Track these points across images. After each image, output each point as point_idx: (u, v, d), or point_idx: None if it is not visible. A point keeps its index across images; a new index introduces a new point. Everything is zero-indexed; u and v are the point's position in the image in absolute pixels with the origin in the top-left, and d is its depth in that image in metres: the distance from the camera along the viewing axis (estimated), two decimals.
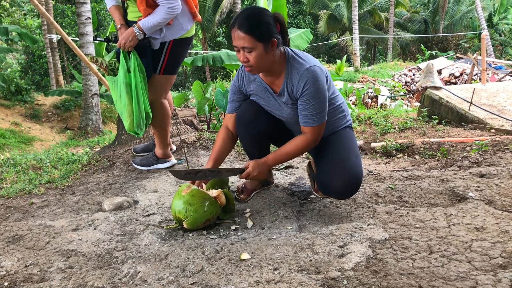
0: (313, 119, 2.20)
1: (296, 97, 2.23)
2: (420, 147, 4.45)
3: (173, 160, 3.35)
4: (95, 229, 2.32)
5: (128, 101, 2.92)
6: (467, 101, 5.81)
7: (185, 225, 2.21)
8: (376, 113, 6.61)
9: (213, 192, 2.30)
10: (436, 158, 3.95)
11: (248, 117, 2.39)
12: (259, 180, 2.32)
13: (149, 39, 2.86)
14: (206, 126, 6.38)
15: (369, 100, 12.68)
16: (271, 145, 2.68)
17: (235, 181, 2.93)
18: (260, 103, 2.40)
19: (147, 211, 2.55)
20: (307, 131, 2.25)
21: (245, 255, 1.88)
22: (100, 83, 12.39)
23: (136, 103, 2.92)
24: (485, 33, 14.23)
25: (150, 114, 3.02)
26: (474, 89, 6.00)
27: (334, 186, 2.27)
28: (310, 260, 1.81)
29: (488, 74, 12.91)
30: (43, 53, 20.11)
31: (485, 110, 5.66)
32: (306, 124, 2.23)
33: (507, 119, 5.45)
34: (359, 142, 4.89)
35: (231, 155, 3.70)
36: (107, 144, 4.58)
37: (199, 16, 3.03)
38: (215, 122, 6.77)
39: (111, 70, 3.00)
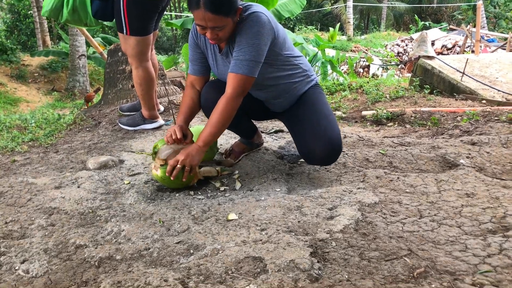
0: (239, 65, 2.00)
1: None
2: (411, 116, 4.41)
3: (160, 121, 3.27)
4: (78, 187, 2.26)
5: None
6: (460, 71, 5.76)
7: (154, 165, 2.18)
8: (368, 82, 6.54)
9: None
10: (427, 127, 3.92)
11: (212, 102, 2.17)
12: (197, 163, 2.13)
13: None
14: None
15: (361, 70, 12.58)
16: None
17: (223, 144, 2.87)
18: (211, 64, 2.27)
19: (133, 170, 2.49)
20: (229, 80, 2.04)
21: (232, 216, 1.84)
22: (88, 44, 12.10)
23: None
24: (480, 2, 14.07)
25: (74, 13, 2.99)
26: (467, 59, 5.94)
27: (315, 156, 2.20)
28: (298, 221, 1.78)
29: (480, 47, 12.84)
30: (29, 12, 19.52)
31: (477, 80, 5.62)
32: (231, 69, 2.03)
33: (499, 90, 5.42)
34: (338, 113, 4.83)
35: None
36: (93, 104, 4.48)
37: None
38: None
39: None
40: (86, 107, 7.56)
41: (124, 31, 2.85)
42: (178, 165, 2.06)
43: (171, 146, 2.20)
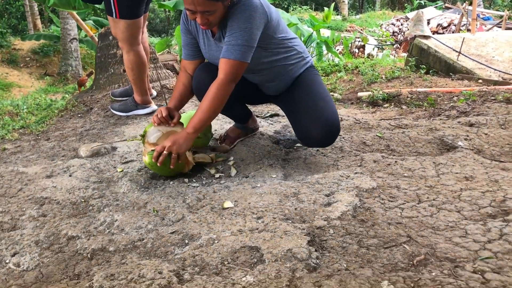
0: (230, 50, 1.94)
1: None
2: (407, 97, 4.36)
3: (153, 106, 3.20)
4: (70, 176, 2.21)
5: None
6: (456, 51, 5.70)
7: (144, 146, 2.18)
8: (364, 63, 6.47)
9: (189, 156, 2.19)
10: (423, 108, 3.87)
11: (204, 86, 2.11)
12: (185, 150, 2.06)
13: None
14: None
15: (356, 50, 12.48)
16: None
17: (218, 129, 2.82)
18: (204, 50, 2.21)
19: (126, 158, 2.44)
20: (221, 65, 1.98)
21: (228, 204, 1.81)
22: (80, 27, 11.89)
23: None
24: None
25: None
26: (464, 38, 5.87)
27: (313, 138, 2.16)
28: (295, 209, 1.74)
29: (476, 25, 12.72)
30: None
31: (473, 60, 5.56)
32: (223, 54, 1.96)
33: (495, 69, 5.37)
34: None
35: None
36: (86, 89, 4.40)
37: None
38: None
39: None
40: (79, 91, 7.46)
41: (114, 15, 2.77)
42: (165, 152, 2.00)
43: (159, 128, 2.17)
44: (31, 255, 1.55)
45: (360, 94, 4.74)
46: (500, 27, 11.90)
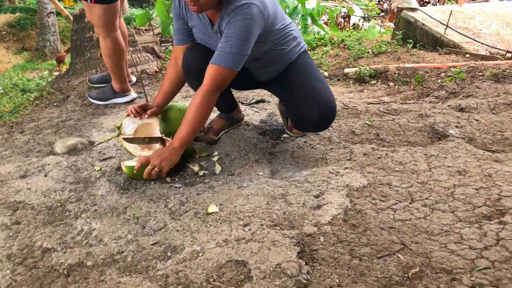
0: (223, 58, 1.85)
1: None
2: (394, 73, 4.27)
3: (133, 94, 3.05)
4: (45, 176, 2.09)
5: None
6: (443, 24, 5.58)
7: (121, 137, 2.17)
8: (350, 36, 6.32)
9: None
10: (411, 86, 3.79)
11: (194, 68, 2.05)
12: (171, 166, 1.98)
13: None
14: (172, 47, 5.95)
15: (342, 20, 12.26)
16: None
17: None
18: (200, 38, 2.09)
19: (104, 153, 2.31)
20: (210, 71, 1.89)
21: (212, 208, 1.71)
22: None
23: None
24: None
25: None
26: (451, 11, 5.75)
27: (310, 120, 2.08)
28: (284, 213, 1.66)
29: None
30: None
31: (460, 33, 5.46)
32: (214, 60, 1.87)
33: (482, 43, 5.29)
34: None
35: None
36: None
37: None
38: None
39: None
40: (58, 67, 7.20)
41: None
42: (149, 167, 1.92)
43: (134, 120, 2.19)
44: (2, 273, 1.45)
45: (346, 70, 4.63)
46: None
